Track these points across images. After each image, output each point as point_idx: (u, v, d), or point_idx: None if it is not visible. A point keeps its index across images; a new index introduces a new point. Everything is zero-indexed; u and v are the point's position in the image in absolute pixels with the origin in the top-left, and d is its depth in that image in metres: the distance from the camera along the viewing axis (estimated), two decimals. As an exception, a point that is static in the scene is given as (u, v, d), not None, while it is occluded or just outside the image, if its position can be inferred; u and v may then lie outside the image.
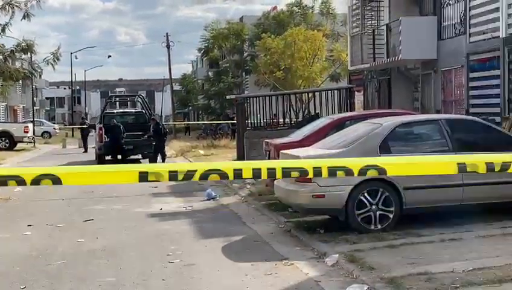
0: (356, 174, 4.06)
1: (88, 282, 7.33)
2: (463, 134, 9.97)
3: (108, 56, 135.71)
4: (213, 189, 14.46)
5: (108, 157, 23.94)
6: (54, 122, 76.11)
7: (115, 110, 27.90)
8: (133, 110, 28.60)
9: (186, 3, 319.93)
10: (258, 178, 4.33)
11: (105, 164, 23.19)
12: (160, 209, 12.69)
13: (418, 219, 9.19)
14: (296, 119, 21.61)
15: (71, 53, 65.09)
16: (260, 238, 9.43)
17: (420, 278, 6.50)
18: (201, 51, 55.20)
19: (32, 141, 39.71)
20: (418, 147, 9.80)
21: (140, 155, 24.71)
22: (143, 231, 10.51)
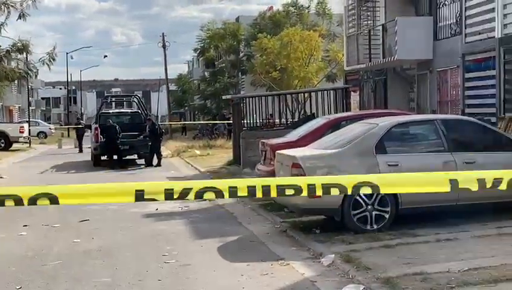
0: (350, 192, 4.18)
1: (84, 282, 7.32)
2: (459, 134, 10.00)
3: (104, 56, 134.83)
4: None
5: (104, 158, 23.88)
6: (50, 123, 75.99)
7: (111, 111, 27.83)
8: (129, 111, 28.54)
9: (182, 3, 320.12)
10: (254, 196, 4.35)
11: (101, 164, 23.39)
12: (156, 209, 12.67)
13: (413, 219, 9.19)
14: (292, 120, 21.65)
15: (67, 53, 65.15)
16: (256, 238, 9.42)
17: (416, 278, 6.51)
18: (197, 51, 55.19)
19: (27, 141, 39.67)
20: (413, 147, 9.82)
21: (136, 155, 24.67)
22: (139, 231, 10.50)
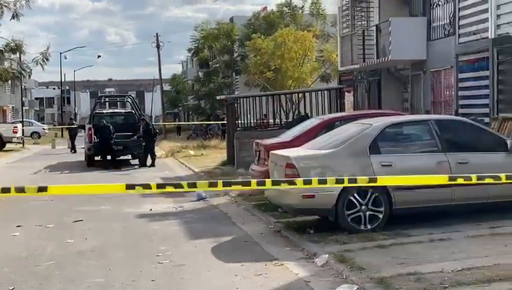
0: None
1: (77, 283, 7.30)
2: (452, 134, 10.01)
3: (98, 56, 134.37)
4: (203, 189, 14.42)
5: (97, 158, 23.84)
6: (43, 123, 75.82)
7: (105, 111, 27.78)
8: (123, 111, 28.48)
9: (176, 3, 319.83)
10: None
11: (94, 165, 23.34)
12: (150, 209, 12.66)
13: (407, 219, 9.21)
14: (286, 120, 21.62)
15: (60, 53, 64.95)
16: (250, 238, 9.42)
17: (409, 278, 6.52)
18: (191, 51, 55.13)
19: (21, 142, 39.58)
20: (407, 148, 9.83)
21: (130, 156, 24.64)
22: (132, 232, 10.49)
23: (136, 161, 24.13)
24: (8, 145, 36.81)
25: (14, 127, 38.04)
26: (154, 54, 62.08)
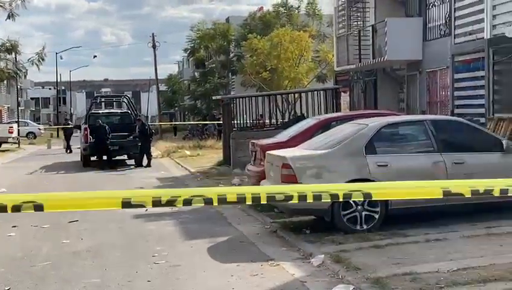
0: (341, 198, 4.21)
1: (73, 283, 7.29)
2: (448, 135, 10.02)
3: (94, 56, 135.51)
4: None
5: (93, 158, 23.82)
6: (39, 123, 75.68)
7: (101, 111, 27.75)
8: (119, 111, 28.45)
9: (172, 3, 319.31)
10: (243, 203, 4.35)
11: (90, 165, 23.32)
12: (146, 210, 12.56)
13: (403, 219, 9.22)
14: (282, 120, 21.64)
15: (56, 53, 64.93)
16: (246, 239, 9.42)
17: (405, 278, 6.52)
18: (188, 52, 55.06)
19: (17, 142, 39.52)
20: (403, 148, 9.84)
21: (126, 156, 24.62)
22: (128, 232, 10.47)
23: (132, 161, 24.08)
24: (3, 146, 36.76)
25: (10, 127, 37.98)
26: (150, 54, 62.17)
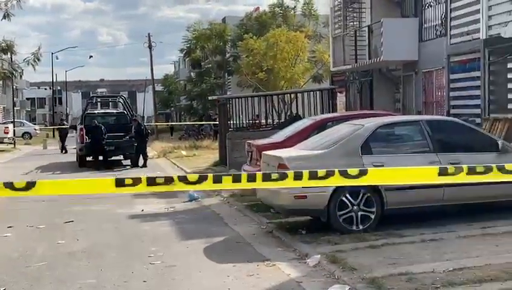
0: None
1: (68, 284, 7.28)
2: (444, 135, 10.03)
3: (90, 56, 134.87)
4: (195, 190, 14.40)
5: (89, 158, 23.78)
6: (35, 123, 75.58)
7: (96, 111, 27.71)
8: (115, 111, 28.43)
9: (168, 3, 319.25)
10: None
11: (86, 165, 23.27)
12: (142, 210, 12.63)
13: (399, 219, 9.22)
14: (278, 120, 21.62)
15: (52, 53, 64.73)
16: (242, 239, 9.42)
17: (401, 278, 6.53)
18: (184, 52, 55.10)
19: (12, 142, 39.46)
20: (399, 148, 9.83)
21: (121, 156, 24.59)
22: (124, 232, 10.46)
23: (128, 162, 24.06)
24: (-1, 146, 36.69)
25: (6, 128, 37.99)
26: (146, 54, 61.83)
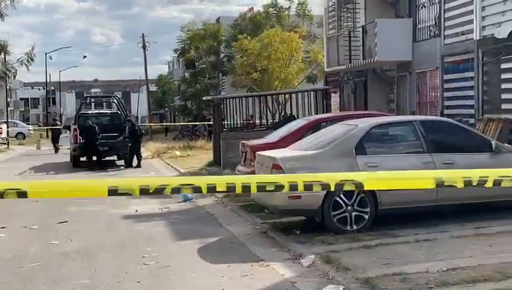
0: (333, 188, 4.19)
1: (62, 284, 7.26)
2: (437, 135, 10.05)
3: (84, 56, 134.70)
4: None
5: (83, 159, 23.73)
6: (29, 123, 75.37)
7: (90, 111, 27.69)
8: (109, 111, 28.40)
9: (161, 3, 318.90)
10: (233, 192, 4.33)
11: (80, 165, 23.22)
12: (136, 210, 12.61)
13: (393, 219, 9.24)
14: (272, 121, 21.63)
15: (46, 53, 64.57)
16: (236, 239, 9.41)
17: (395, 278, 6.53)
18: (178, 52, 55.00)
19: (6, 142, 39.35)
20: (393, 148, 9.85)
21: (115, 156, 24.55)
22: (118, 233, 10.44)
23: (121, 162, 24.03)
24: (-8, 146, 36.57)
25: (-1, 128, 37.81)
26: (140, 55, 61.75)
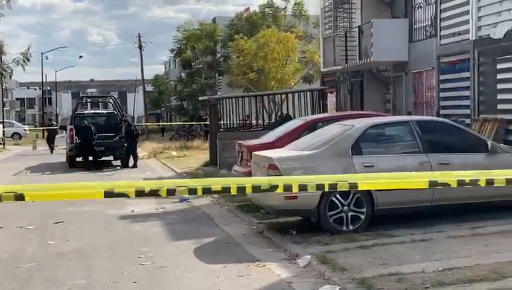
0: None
1: (58, 285, 7.25)
2: (433, 135, 10.06)
3: (80, 56, 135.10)
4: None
5: (79, 159, 23.71)
6: (24, 124, 75.24)
7: (86, 111, 27.67)
8: (105, 111, 28.37)
9: (158, 3, 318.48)
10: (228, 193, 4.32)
11: (76, 166, 23.19)
12: (132, 211, 12.60)
13: (389, 219, 9.24)
14: (269, 121, 21.65)
15: (42, 53, 64.51)
16: (232, 239, 9.41)
17: (391, 278, 6.54)
18: (174, 52, 54.97)
19: (1, 143, 39.29)
20: (389, 148, 9.87)
21: (112, 156, 24.53)
22: (114, 233, 10.43)
23: (118, 162, 24.00)
24: (-12, 147, 36.50)
25: (-5, 128, 37.77)
26: (136, 55, 61.98)
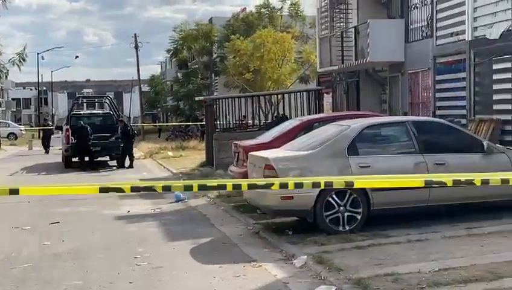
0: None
1: (54, 285, 7.24)
2: (429, 136, 10.07)
3: (76, 57, 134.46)
4: (181, 191, 14.35)
5: (75, 159, 23.67)
6: (20, 124, 75.10)
7: (82, 112, 27.65)
8: (101, 112, 28.35)
9: (154, 3, 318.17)
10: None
11: (72, 166, 23.15)
12: (128, 211, 12.59)
13: (385, 220, 9.25)
14: (265, 121, 21.64)
15: (38, 53, 64.45)
16: (228, 240, 9.41)
17: (387, 278, 6.55)
18: (170, 52, 54.94)
19: (-3, 143, 39.18)
20: (385, 149, 9.87)
21: (108, 157, 24.49)
22: (110, 234, 10.41)
23: (114, 162, 23.97)
24: (-16, 147, 36.42)
25: (-10, 128, 37.70)
26: (132, 55, 61.73)
